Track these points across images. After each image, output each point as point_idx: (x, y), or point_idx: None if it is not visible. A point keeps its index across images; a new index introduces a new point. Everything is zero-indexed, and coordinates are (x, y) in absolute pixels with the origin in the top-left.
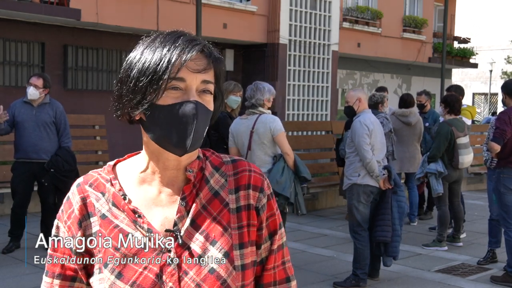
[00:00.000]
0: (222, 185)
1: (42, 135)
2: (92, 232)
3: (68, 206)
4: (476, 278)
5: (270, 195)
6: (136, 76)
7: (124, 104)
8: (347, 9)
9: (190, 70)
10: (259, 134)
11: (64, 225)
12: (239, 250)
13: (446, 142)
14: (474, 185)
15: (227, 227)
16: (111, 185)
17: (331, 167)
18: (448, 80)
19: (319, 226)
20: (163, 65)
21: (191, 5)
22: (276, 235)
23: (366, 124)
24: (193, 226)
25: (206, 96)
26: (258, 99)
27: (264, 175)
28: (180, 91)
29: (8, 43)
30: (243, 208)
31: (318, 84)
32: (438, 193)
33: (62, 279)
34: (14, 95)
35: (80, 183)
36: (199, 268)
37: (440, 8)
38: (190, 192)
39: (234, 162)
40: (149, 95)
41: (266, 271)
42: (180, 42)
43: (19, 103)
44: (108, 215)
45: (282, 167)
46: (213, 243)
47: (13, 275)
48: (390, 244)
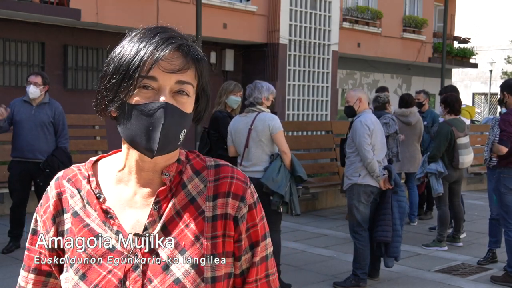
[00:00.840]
0: (200, 191)
1: (39, 135)
2: (64, 229)
3: (45, 200)
4: (476, 278)
5: (253, 204)
6: (111, 72)
7: (99, 101)
8: (347, 9)
9: (163, 70)
10: (258, 132)
11: (40, 219)
12: (210, 261)
13: (446, 142)
14: (474, 185)
15: (199, 236)
16: (87, 182)
17: (331, 167)
18: (448, 80)
19: (319, 226)
20: (135, 63)
21: (191, 5)
22: (258, 246)
23: (367, 124)
24: (164, 232)
25: (182, 98)
26: (256, 97)
27: (248, 183)
28: (152, 90)
29: (8, 43)
30: (220, 217)
31: (318, 84)
32: (438, 193)
33: (37, 274)
34: (14, 95)
35: (59, 177)
36: (164, 277)
37: (440, 8)
38: (165, 196)
39: (217, 167)
40: (121, 93)
41: (247, 284)
42: (156, 39)
43: (19, 101)
44: (81, 213)
45: (279, 166)
46: (182, 252)
47: (13, 275)
48: (391, 244)
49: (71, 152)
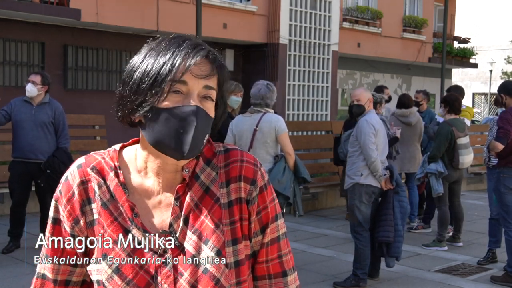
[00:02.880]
0: (213, 179)
1: (39, 135)
2: (92, 219)
3: (67, 188)
4: (476, 278)
5: (264, 186)
6: (139, 77)
7: (125, 105)
8: (347, 9)
9: (193, 75)
10: (263, 133)
11: (63, 209)
12: (232, 247)
13: (446, 142)
14: (474, 185)
15: (218, 224)
16: (115, 174)
17: (331, 167)
18: (448, 80)
19: (319, 226)
20: (167, 68)
21: (191, 5)
22: (268, 228)
23: (373, 123)
24: (186, 225)
25: (207, 103)
26: (272, 100)
27: (258, 165)
28: (181, 95)
29: (8, 43)
30: (235, 202)
31: (318, 84)
32: (438, 193)
33: (64, 263)
34: (14, 95)
35: (82, 164)
36: (194, 269)
37: (440, 8)
38: (183, 191)
39: (226, 152)
40: (151, 97)
41: (258, 264)
42: (185, 46)
43: (19, 101)
44: (109, 205)
45: (283, 167)
46: (206, 242)
47: (13, 275)
48: (393, 244)
49: (71, 152)
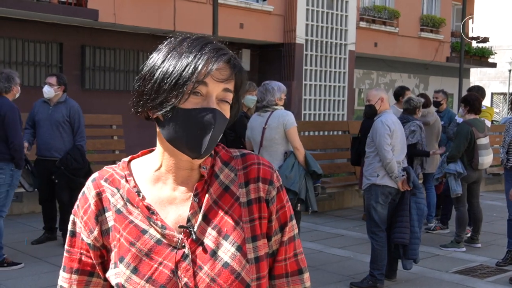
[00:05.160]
0: (232, 179)
1: (54, 134)
2: (108, 227)
3: (84, 201)
4: (495, 279)
5: (280, 187)
6: (161, 77)
7: (145, 102)
8: (364, 9)
9: (214, 79)
10: (272, 129)
11: (80, 221)
12: (252, 243)
13: (466, 142)
14: (493, 186)
15: (238, 221)
16: (125, 181)
17: (347, 167)
18: (466, 80)
19: (336, 226)
20: (189, 71)
21: (208, 5)
22: (287, 227)
23: (388, 124)
24: (205, 221)
25: (224, 105)
26: (270, 100)
27: (273, 168)
28: (201, 97)
29: (27, 43)
30: (254, 201)
31: (334, 84)
32: (457, 194)
33: (80, 274)
34: (33, 95)
35: (96, 178)
36: (213, 263)
37: (458, 7)
38: (202, 188)
39: (243, 156)
40: (173, 98)
41: (277, 262)
42: (207, 50)
43: (40, 102)
44: (123, 210)
45: (292, 163)
46: (226, 237)
47: (31, 273)
48: (409, 246)
49: (89, 152)
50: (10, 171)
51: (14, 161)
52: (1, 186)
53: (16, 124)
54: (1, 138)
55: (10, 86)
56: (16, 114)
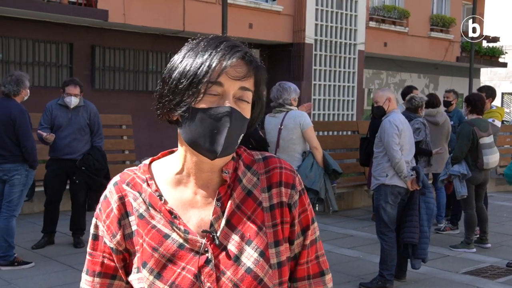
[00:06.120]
0: (254, 184)
1: (76, 137)
2: (131, 231)
3: (106, 205)
4: (505, 280)
5: (302, 191)
6: (177, 78)
7: (164, 104)
8: (374, 8)
9: (229, 77)
10: (288, 130)
11: (103, 224)
12: (274, 248)
13: (468, 143)
14: (504, 186)
15: (261, 226)
16: (147, 185)
17: (357, 168)
18: (476, 79)
19: (345, 227)
20: (203, 69)
21: (217, 5)
22: (309, 230)
23: (396, 123)
24: (228, 226)
25: (243, 104)
26: (286, 98)
27: (295, 171)
28: (217, 96)
29: (37, 44)
30: (276, 206)
31: (344, 84)
32: (462, 196)
33: (103, 277)
34: (43, 95)
35: (118, 181)
36: (236, 268)
37: (469, 6)
38: (225, 192)
39: (265, 159)
40: (188, 98)
41: (299, 265)
42: (222, 48)
43: (55, 105)
44: (146, 215)
45: (311, 163)
46: (249, 242)
47: (42, 272)
48: (418, 246)
49: None
50: (25, 171)
51: (28, 163)
52: (16, 186)
53: (27, 128)
54: (13, 140)
55: (19, 89)
56: (26, 118)
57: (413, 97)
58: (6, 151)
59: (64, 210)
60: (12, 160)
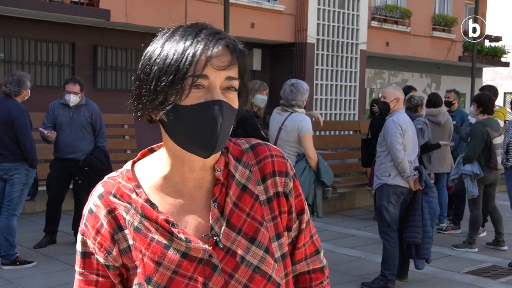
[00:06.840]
0: (248, 177)
1: (78, 136)
2: (127, 245)
3: (94, 220)
4: (507, 280)
5: (294, 176)
6: (157, 74)
7: (144, 105)
8: (376, 8)
9: (214, 68)
10: (287, 132)
11: (93, 241)
12: (277, 241)
13: (482, 143)
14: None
15: (262, 222)
16: (136, 195)
17: (358, 167)
18: (478, 79)
19: (347, 226)
20: (186, 63)
21: (219, 4)
22: (304, 213)
23: (400, 123)
24: (229, 226)
25: (230, 94)
26: (299, 100)
27: (284, 157)
28: (203, 89)
29: (40, 43)
30: (273, 197)
31: (346, 84)
32: (473, 195)
33: None
34: (46, 95)
35: (103, 193)
36: (244, 269)
37: (471, 6)
38: (220, 192)
39: (253, 148)
40: (173, 96)
41: (297, 249)
42: (203, 36)
43: (57, 104)
44: (141, 228)
45: (304, 167)
46: (252, 240)
47: (44, 272)
48: (422, 246)
49: None
50: (26, 170)
51: (28, 162)
52: (17, 185)
53: (26, 127)
54: (13, 139)
55: (20, 90)
56: (25, 117)
57: (412, 96)
58: (6, 150)
59: (67, 209)
60: (12, 159)
